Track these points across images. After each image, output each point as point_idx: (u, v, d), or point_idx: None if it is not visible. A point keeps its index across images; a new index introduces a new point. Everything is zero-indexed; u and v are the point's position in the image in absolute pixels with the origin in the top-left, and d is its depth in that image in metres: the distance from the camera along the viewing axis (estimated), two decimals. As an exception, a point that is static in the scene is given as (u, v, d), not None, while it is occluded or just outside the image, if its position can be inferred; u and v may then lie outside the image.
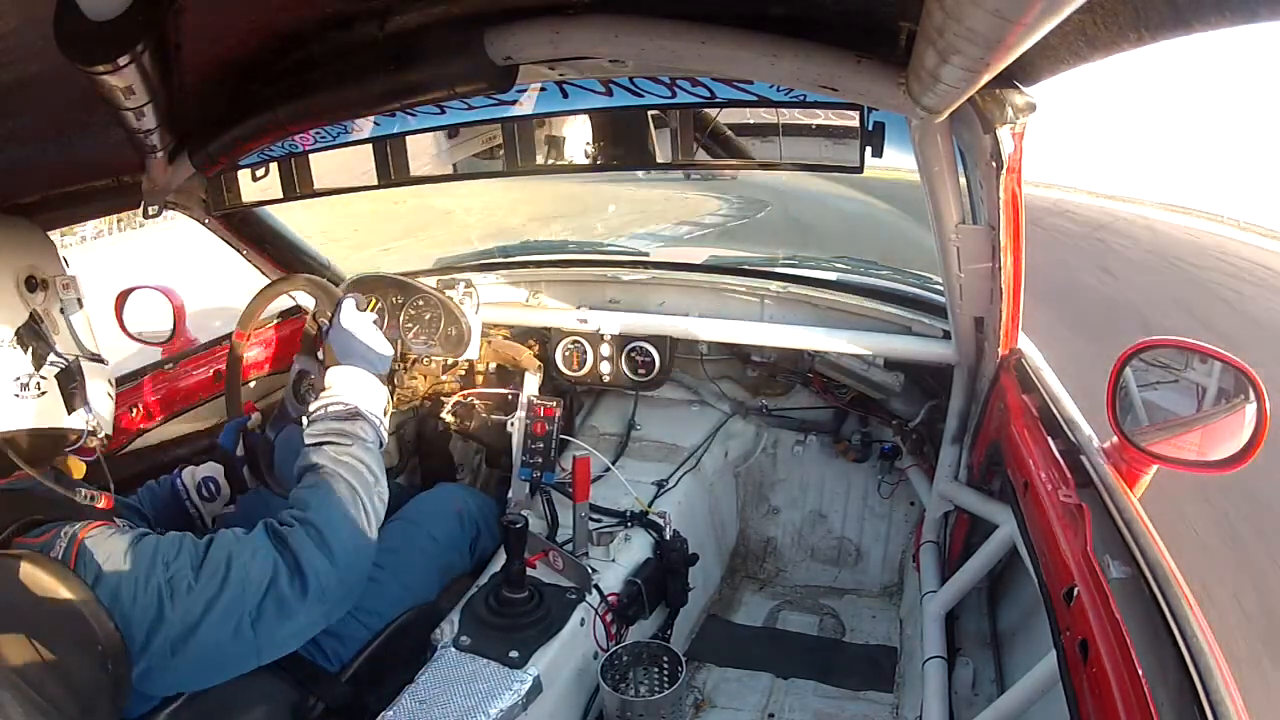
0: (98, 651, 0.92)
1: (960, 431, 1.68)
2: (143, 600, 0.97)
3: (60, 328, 1.14)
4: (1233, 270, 10.77)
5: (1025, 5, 0.51)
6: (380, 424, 1.23)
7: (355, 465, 1.13)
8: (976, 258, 1.28)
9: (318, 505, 1.07)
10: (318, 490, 1.09)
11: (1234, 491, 3.60)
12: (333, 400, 1.21)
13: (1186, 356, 1.24)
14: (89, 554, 0.97)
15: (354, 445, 1.16)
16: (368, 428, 1.19)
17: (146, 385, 1.80)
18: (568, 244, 3.00)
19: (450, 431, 2.13)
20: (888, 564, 2.13)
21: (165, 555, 1.00)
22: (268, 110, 1.16)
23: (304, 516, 1.06)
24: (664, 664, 1.46)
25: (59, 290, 1.15)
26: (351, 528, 1.08)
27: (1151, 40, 0.65)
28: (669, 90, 1.17)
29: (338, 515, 1.07)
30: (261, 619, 1.00)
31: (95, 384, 1.16)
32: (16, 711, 0.84)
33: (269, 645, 1.03)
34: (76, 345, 1.16)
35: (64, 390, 1.08)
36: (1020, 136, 1.03)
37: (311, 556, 1.03)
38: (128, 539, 1.01)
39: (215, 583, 0.99)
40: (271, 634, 1.02)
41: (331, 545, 1.05)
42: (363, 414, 1.20)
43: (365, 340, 1.28)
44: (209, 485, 1.49)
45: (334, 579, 1.05)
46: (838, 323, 1.87)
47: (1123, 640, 0.81)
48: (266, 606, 1.01)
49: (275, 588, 1.01)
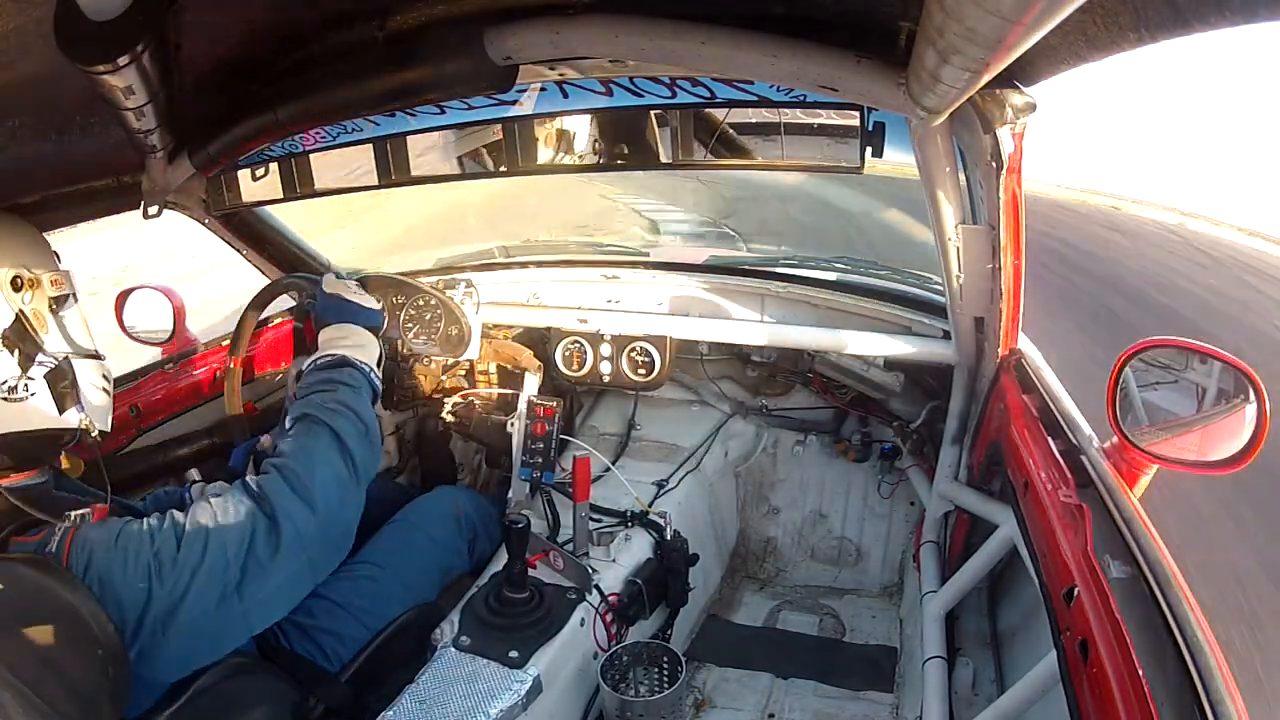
0: (97, 654, 0.91)
1: (960, 431, 1.68)
2: (131, 580, 0.96)
3: (50, 326, 1.11)
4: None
5: (1025, 5, 0.51)
6: (371, 371, 1.19)
7: (339, 410, 1.10)
8: (976, 258, 1.28)
9: (296, 451, 1.04)
10: (299, 440, 1.06)
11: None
12: (320, 354, 1.19)
13: (1186, 357, 1.24)
14: (80, 543, 0.97)
15: (338, 390, 1.12)
16: (355, 374, 1.16)
17: (146, 385, 1.79)
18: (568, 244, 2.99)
19: (450, 431, 2.13)
20: (888, 564, 2.13)
21: (152, 532, 1.00)
22: (268, 110, 1.16)
23: (281, 464, 1.03)
24: (664, 664, 1.46)
25: (49, 288, 1.12)
26: (333, 474, 1.04)
27: (1151, 40, 0.65)
28: (669, 90, 1.17)
29: (319, 460, 1.03)
30: (245, 579, 0.98)
31: (89, 380, 1.14)
32: (17, 713, 0.84)
33: (256, 609, 1.01)
34: (68, 343, 1.14)
35: (54, 390, 1.07)
36: (1020, 136, 1.03)
37: (288, 503, 1.00)
38: (118, 525, 1.01)
39: (197, 550, 0.98)
40: (256, 594, 1.00)
41: (311, 490, 1.01)
42: (350, 361, 1.17)
43: (350, 299, 1.27)
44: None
45: (313, 525, 1.01)
46: (838, 323, 1.87)
47: (1123, 640, 0.81)
48: (249, 565, 0.98)
49: (254, 542, 0.98)
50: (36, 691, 0.86)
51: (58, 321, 1.13)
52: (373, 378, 1.19)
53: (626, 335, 2.00)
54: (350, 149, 1.46)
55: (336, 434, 1.07)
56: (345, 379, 1.15)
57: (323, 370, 1.17)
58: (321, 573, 1.07)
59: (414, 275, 2.13)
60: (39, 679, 0.88)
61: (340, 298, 1.28)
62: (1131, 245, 9.24)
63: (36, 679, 0.87)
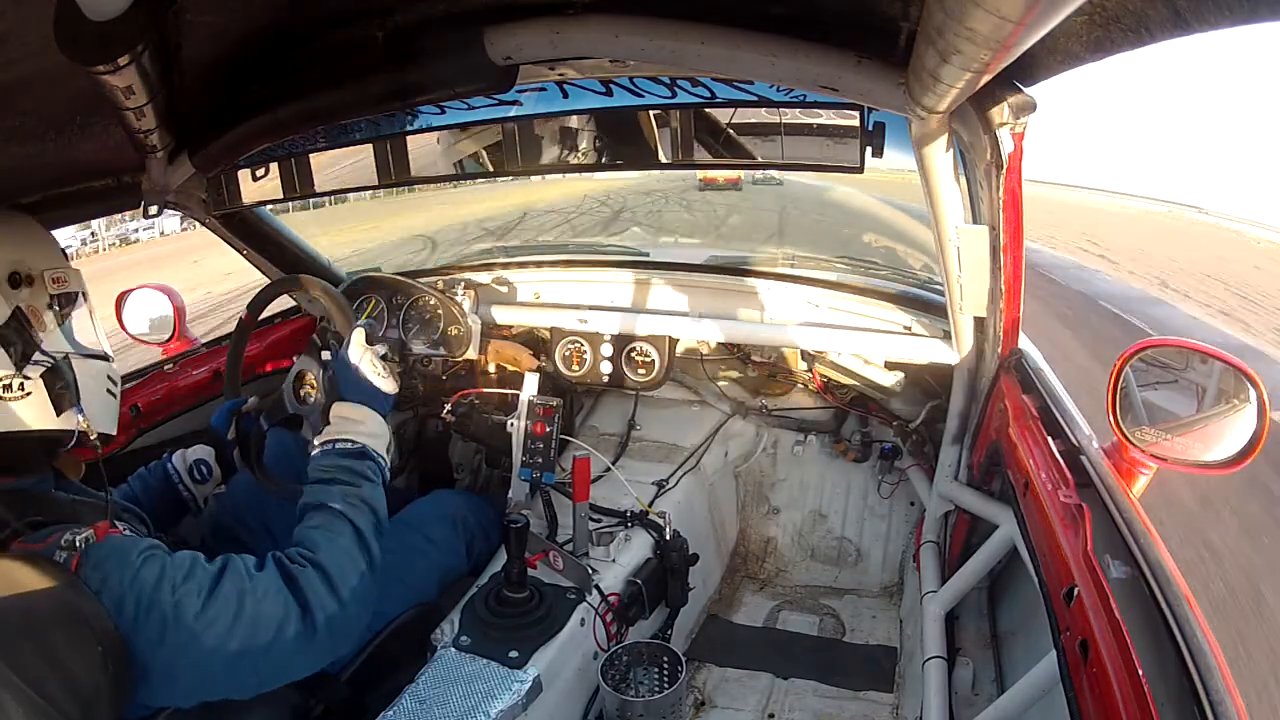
0: (98, 652, 0.91)
1: (960, 431, 1.68)
2: (145, 621, 0.96)
3: (49, 324, 1.09)
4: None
5: (1025, 5, 0.51)
6: (384, 464, 1.24)
7: (363, 508, 1.15)
8: (976, 258, 1.27)
9: (328, 549, 1.08)
10: (328, 533, 1.11)
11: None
12: (340, 436, 1.22)
13: (1186, 356, 1.24)
14: (93, 563, 0.96)
15: (362, 486, 1.17)
16: (374, 468, 1.21)
17: (146, 385, 1.79)
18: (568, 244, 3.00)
19: (450, 432, 2.13)
20: (888, 564, 2.13)
21: (173, 578, 0.99)
22: (268, 110, 1.16)
23: (315, 559, 1.07)
24: (664, 664, 1.46)
25: (49, 285, 1.10)
26: (358, 572, 1.10)
27: (1151, 40, 0.65)
28: (669, 90, 1.17)
29: (346, 560, 1.09)
30: (269, 656, 1.01)
31: (92, 382, 1.13)
32: (17, 713, 0.84)
33: (270, 680, 1.05)
34: (69, 342, 1.12)
35: (51, 391, 1.05)
36: (1020, 136, 1.03)
37: (323, 599, 1.05)
38: (135, 554, 0.99)
39: (227, 618, 0.99)
40: (275, 671, 1.04)
41: (340, 589, 1.07)
42: (370, 454, 1.22)
43: (371, 378, 1.29)
44: (200, 468, 1.50)
45: (341, 620, 1.07)
46: (838, 323, 1.87)
47: (1123, 640, 0.81)
48: (275, 646, 1.01)
49: (286, 628, 1.02)
50: (38, 691, 0.86)
51: (59, 320, 1.11)
52: (385, 470, 1.24)
53: (626, 335, 2.00)
54: (350, 149, 1.46)
55: (359, 531, 1.13)
56: (367, 473, 1.19)
57: (344, 458, 1.20)
58: (337, 656, 1.11)
59: (414, 275, 2.14)
60: (40, 678, 0.87)
61: (364, 376, 1.29)
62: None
63: (38, 678, 0.87)
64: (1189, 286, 12.84)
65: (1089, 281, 12.55)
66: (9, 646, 0.87)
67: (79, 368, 1.10)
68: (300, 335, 2.20)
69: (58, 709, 0.87)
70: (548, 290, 2.12)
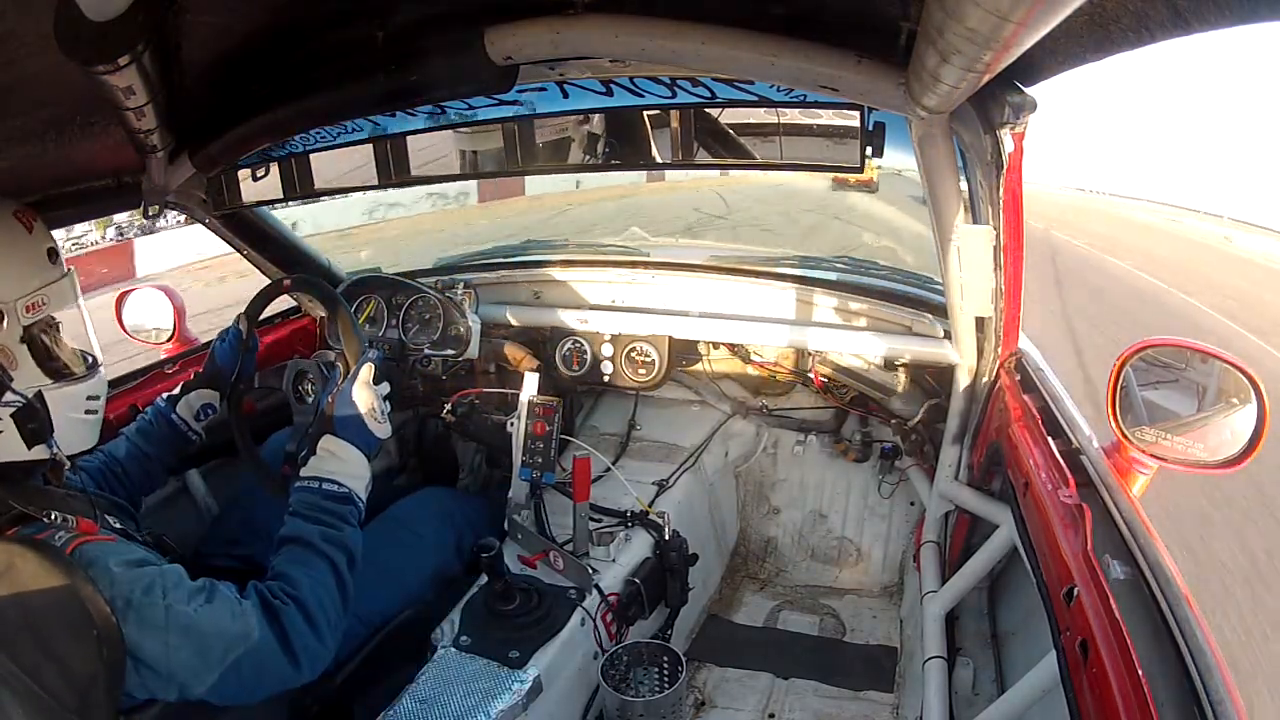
0: (93, 636, 0.91)
1: (960, 431, 1.68)
2: (138, 611, 0.96)
3: (20, 360, 1.04)
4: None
5: (1025, 5, 0.51)
6: (363, 508, 1.27)
7: (342, 550, 1.18)
8: (977, 258, 1.27)
9: (310, 588, 1.12)
10: (309, 570, 1.14)
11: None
12: (328, 477, 1.23)
13: (1187, 356, 1.24)
14: (86, 560, 0.96)
15: (344, 531, 1.20)
16: (355, 513, 1.24)
17: (146, 385, 1.79)
18: (568, 244, 2.99)
19: (450, 431, 2.13)
20: (888, 564, 2.13)
21: (163, 585, 1.00)
22: (268, 110, 1.16)
23: (296, 596, 1.10)
24: (664, 664, 1.46)
25: (21, 316, 1.04)
26: (335, 609, 1.14)
27: (1151, 40, 0.65)
28: (669, 90, 1.17)
29: (326, 598, 1.13)
30: (242, 681, 1.04)
31: (69, 409, 1.09)
32: (13, 704, 0.84)
33: (243, 697, 1.07)
34: (44, 373, 1.07)
35: (22, 430, 1.01)
36: (1020, 136, 1.03)
37: (302, 635, 1.08)
38: (128, 565, 0.99)
39: (217, 622, 1.02)
40: (250, 692, 1.06)
41: (319, 626, 1.10)
42: (353, 499, 1.24)
43: (367, 421, 1.30)
44: (207, 411, 1.55)
45: (316, 653, 1.10)
46: (838, 323, 1.87)
47: (1123, 640, 0.81)
48: (250, 673, 1.04)
49: (264, 658, 1.05)
50: (34, 679, 0.86)
51: (33, 352, 1.06)
52: (363, 513, 1.28)
53: (626, 335, 2.00)
54: (350, 149, 1.46)
55: (340, 572, 1.17)
56: (348, 518, 1.22)
57: (328, 499, 1.22)
58: (306, 681, 1.13)
59: (414, 275, 2.13)
60: (36, 666, 0.87)
61: (360, 415, 1.29)
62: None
63: (34, 666, 0.87)
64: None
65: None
66: (5, 636, 0.87)
67: (53, 399, 1.06)
68: (300, 335, 2.20)
69: (55, 698, 0.87)
70: (548, 290, 2.12)
